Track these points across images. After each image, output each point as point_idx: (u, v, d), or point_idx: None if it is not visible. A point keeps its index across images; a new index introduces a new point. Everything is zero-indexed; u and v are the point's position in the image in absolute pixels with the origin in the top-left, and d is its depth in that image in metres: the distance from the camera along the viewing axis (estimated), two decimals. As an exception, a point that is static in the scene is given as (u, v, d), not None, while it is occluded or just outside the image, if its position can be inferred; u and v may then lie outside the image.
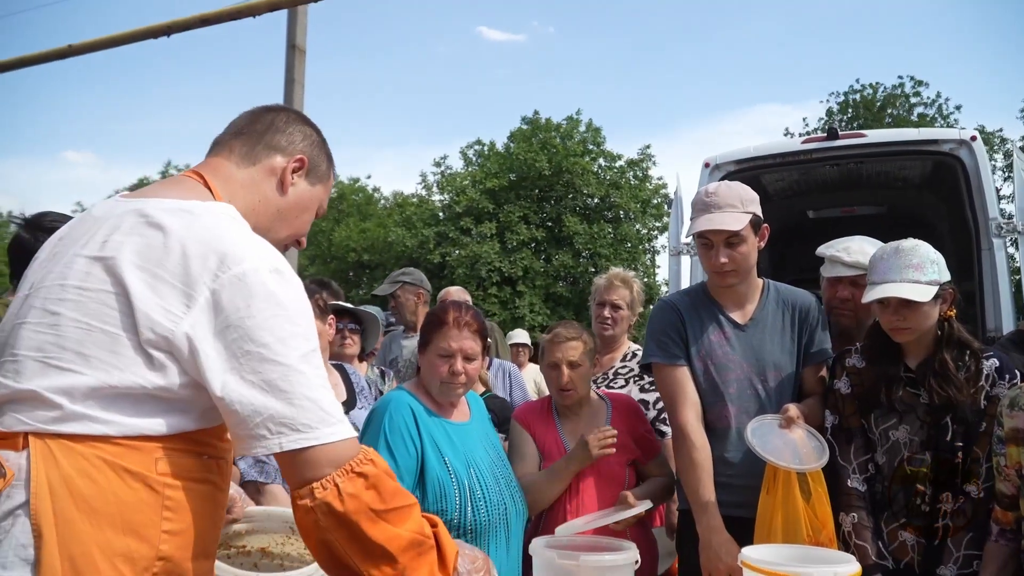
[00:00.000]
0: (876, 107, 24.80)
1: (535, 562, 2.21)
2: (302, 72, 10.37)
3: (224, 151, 1.53)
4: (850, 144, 4.52)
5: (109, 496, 1.20)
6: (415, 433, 2.34)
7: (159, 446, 1.25)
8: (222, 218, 1.36)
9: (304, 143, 1.58)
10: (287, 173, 1.54)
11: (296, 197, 1.56)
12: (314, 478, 1.27)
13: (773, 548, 2.07)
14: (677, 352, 2.58)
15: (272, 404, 1.24)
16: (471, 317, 2.47)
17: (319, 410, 1.28)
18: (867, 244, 2.79)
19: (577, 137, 23.79)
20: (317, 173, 1.60)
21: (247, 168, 1.51)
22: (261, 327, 1.25)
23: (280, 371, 1.25)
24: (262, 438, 1.25)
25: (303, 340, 1.30)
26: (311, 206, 1.60)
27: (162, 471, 1.25)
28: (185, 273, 1.26)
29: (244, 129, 1.56)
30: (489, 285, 21.36)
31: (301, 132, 1.59)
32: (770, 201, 5.37)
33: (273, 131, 1.56)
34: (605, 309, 3.54)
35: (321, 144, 1.62)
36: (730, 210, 2.48)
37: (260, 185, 1.52)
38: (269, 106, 1.62)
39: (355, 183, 29.87)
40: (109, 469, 1.21)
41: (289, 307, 1.30)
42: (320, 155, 1.61)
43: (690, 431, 2.47)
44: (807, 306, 2.62)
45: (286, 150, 1.55)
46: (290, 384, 1.26)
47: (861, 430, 2.41)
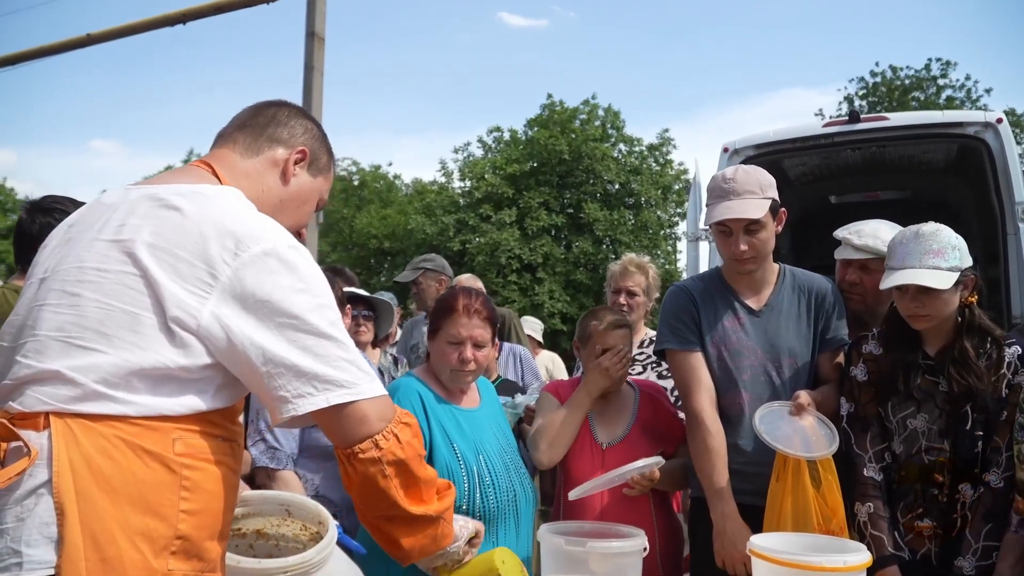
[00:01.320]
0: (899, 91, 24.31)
1: (543, 548, 2.21)
2: (321, 60, 10.39)
3: (228, 143, 1.58)
4: (872, 127, 4.43)
5: (128, 475, 1.22)
6: (423, 419, 2.33)
7: (176, 426, 1.28)
8: (234, 200, 1.41)
9: (305, 136, 1.63)
10: (289, 164, 1.58)
11: (298, 188, 1.60)
12: (370, 432, 1.36)
13: (783, 537, 2.06)
14: (691, 338, 2.55)
15: (314, 365, 1.31)
16: (480, 304, 2.45)
17: (357, 370, 1.36)
18: (883, 227, 2.73)
19: (596, 122, 23.64)
20: (318, 165, 1.64)
21: (251, 159, 1.56)
22: (288, 301, 1.31)
23: (313, 340, 1.32)
24: (308, 395, 1.31)
25: (329, 310, 1.36)
26: (312, 198, 1.65)
27: (179, 451, 1.27)
28: (204, 253, 1.31)
29: (247, 122, 1.60)
30: (509, 272, 21.34)
31: (302, 126, 1.64)
32: (791, 186, 5.30)
33: (275, 124, 1.60)
34: (621, 296, 3.52)
35: (322, 138, 1.67)
36: (749, 196, 2.44)
37: (263, 175, 1.56)
38: (271, 101, 1.67)
39: (376, 170, 29.93)
40: (128, 449, 1.23)
41: (310, 281, 1.36)
42: (321, 148, 1.65)
43: (704, 417, 2.44)
44: (823, 291, 2.58)
45: (288, 142, 1.60)
46: (325, 349, 1.33)
47: (877, 418, 2.37)
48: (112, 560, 1.19)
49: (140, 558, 1.21)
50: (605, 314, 2.83)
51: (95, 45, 9.89)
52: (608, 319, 2.79)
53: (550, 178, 22.85)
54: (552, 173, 22.88)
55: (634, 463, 2.47)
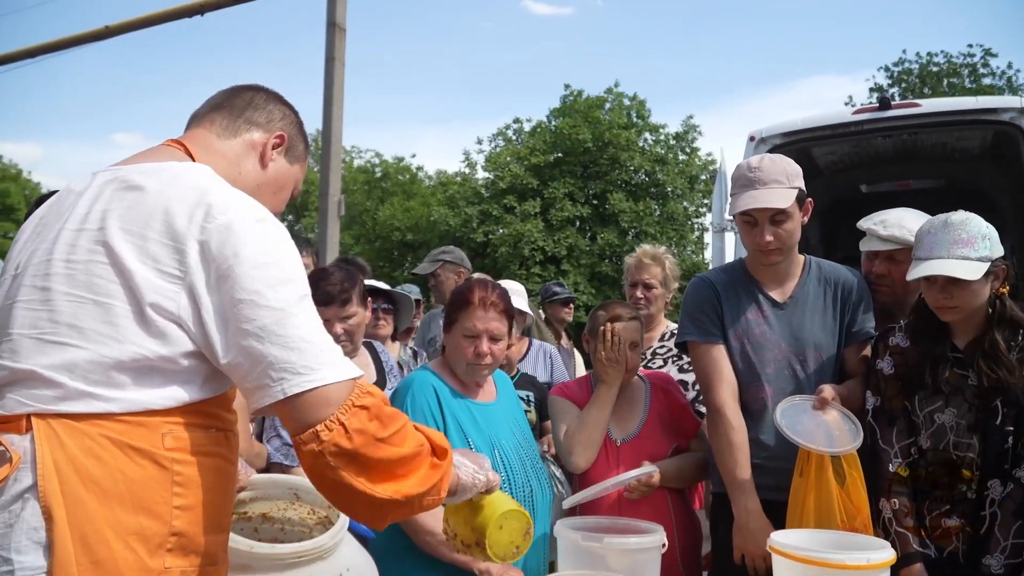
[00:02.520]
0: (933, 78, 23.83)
1: (559, 544, 2.21)
2: (342, 50, 10.43)
3: (205, 123, 1.55)
4: (903, 114, 4.36)
5: (117, 475, 1.20)
6: (438, 414, 2.34)
7: (165, 420, 1.25)
8: (201, 174, 1.37)
9: (283, 121, 1.60)
10: (268, 148, 1.56)
11: (275, 173, 1.58)
12: (317, 420, 1.26)
13: (805, 533, 2.04)
14: (713, 330, 2.53)
15: (270, 350, 1.25)
16: (497, 296, 2.45)
17: (318, 351, 1.28)
18: (908, 216, 2.68)
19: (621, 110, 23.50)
20: (295, 152, 1.62)
21: (228, 140, 1.53)
22: (250, 275, 1.26)
23: (273, 316, 1.26)
24: (266, 387, 1.25)
25: (295, 286, 1.31)
26: (288, 184, 1.62)
27: (169, 446, 1.24)
28: (172, 230, 1.27)
29: (224, 103, 1.57)
30: (532, 264, 21.33)
31: (280, 111, 1.61)
32: (820, 175, 5.23)
33: (253, 107, 1.58)
34: (637, 290, 3.50)
35: (299, 124, 1.65)
36: (775, 186, 2.41)
37: (241, 158, 1.53)
38: (248, 84, 1.64)
39: (399, 162, 30.03)
40: (115, 447, 1.21)
41: (277, 255, 1.31)
42: (298, 135, 1.63)
43: (726, 411, 2.43)
44: (850, 283, 2.55)
45: (266, 126, 1.57)
46: (284, 328, 1.26)
47: (904, 412, 2.34)
48: (105, 562, 1.17)
49: (134, 558, 1.20)
50: (614, 307, 2.84)
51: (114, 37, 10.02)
52: (617, 311, 2.80)
53: (574, 168, 22.78)
54: (576, 163, 22.82)
55: (629, 472, 2.48)
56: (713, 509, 2.66)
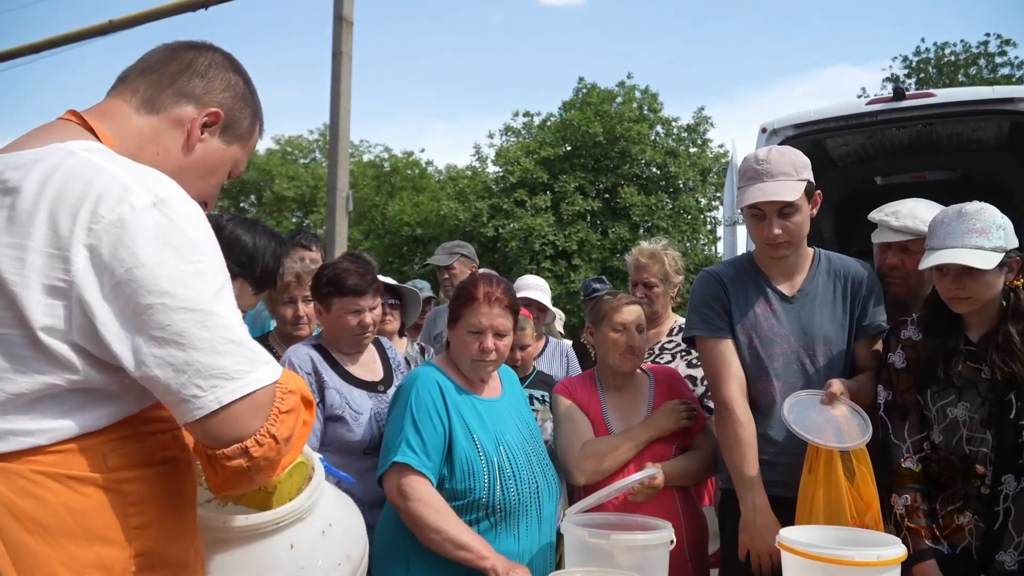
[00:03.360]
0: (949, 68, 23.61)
1: (566, 541, 2.21)
2: (350, 44, 10.44)
3: (127, 91, 1.35)
4: (918, 105, 4.32)
5: (60, 510, 1.10)
6: (443, 410, 2.34)
7: (103, 440, 1.14)
8: (84, 156, 1.18)
9: (225, 94, 1.40)
10: (195, 127, 1.36)
11: (203, 156, 1.38)
12: (245, 433, 1.16)
13: (814, 530, 2.04)
14: (720, 325, 2.53)
15: (195, 357, 1.11)
16: (502, 292, 2.44)
17: (246, 350, 1.17)
18: (920, 207, 2.67)
19: (633, 103, 23.43)
20: (235, 131, 1.42)
21: (147, 115, 1.33)
22: (156, 274, 1.11)
23: (192, 317, 1.12)
24: (196, 398, 1.12)
25: (210, 277, 1.16)
26: (221, 168, 1.42)
27: (115, 465, 1.14)
28: (56, 236, 1.11)
29: (156, 67, 1.37)
30: (543, 259, 21.30)
31: (224, 80, 1.40)
32: (834, 167, 5.21)
33: (190, 74, 1.37)
34: (638, 289, 3.50)
35: (245, 97, 1.44)
36: (783, 178, 2.39)
37: (161, 136, 1.34)
38: (193, 43, 1.43)
39: (408, 156, 30.06)
40: (52, 481, 1.10)
41: (183, 243, 1.15)
42: (243, 110, 1.43)
43: (734, 406, 2.42)
44: (860, 276, 2.54)
45: (200, 99, 1.37)
46: (208, 329, 1.13)
47: (916, 407, 2.33)
48: None
49: None
50: (619, 293, 2.86)
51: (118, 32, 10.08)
52: (622, 296, 2.83)
53: (585, 162, 22.73)
54: (587, 157, 22.76)
55: (631, 476, 2.48)
56: (721, 505, 2.66)
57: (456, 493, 2.29)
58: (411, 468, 2.25)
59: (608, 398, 2.80)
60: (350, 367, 2.77)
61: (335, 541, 1.60)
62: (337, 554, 1.61)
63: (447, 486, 2.30)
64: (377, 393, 2.77)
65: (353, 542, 1.68)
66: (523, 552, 2.34)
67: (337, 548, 1.61)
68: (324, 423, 2.63)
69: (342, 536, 1.63)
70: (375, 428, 2.65)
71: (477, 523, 2.30)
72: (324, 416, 2.63)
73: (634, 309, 2.80)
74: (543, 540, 2.43)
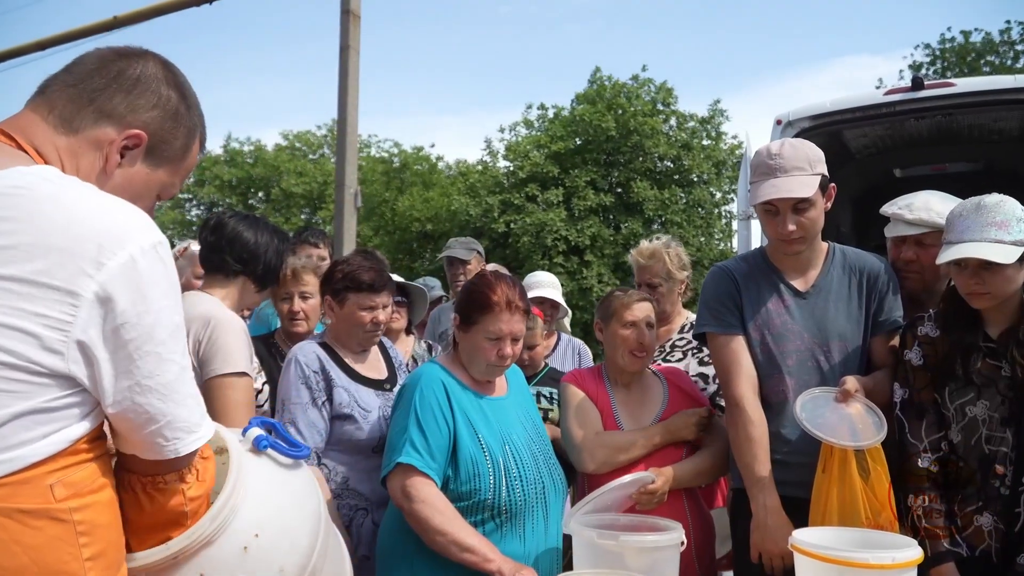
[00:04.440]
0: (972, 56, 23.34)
1: (575, 542, 2.20)
2: (357, 38, 10.45)
3: (43, 106, 1.26)
4: (937, 95, 4.27)
5: (13, 548, 1.07)
6: (447, 409, 2.34)
7: (48, 470, 1.10)
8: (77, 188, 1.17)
9: (152, 113, 1.30)
10: (113, 151, 1.28)
11: (124, 181, 1.30)
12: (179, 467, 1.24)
13: (828, 531, 2.02)
14: (732, 321, 2.51)
15: (170, 410, 1.18)
16: (520, 297, 2.43)
17: (198, 406, 1.25)
18: (934, 199, 2.65)
19: (647, 97, 23.35)
20: (163, 153, 1.33)
21: (65, 136, 1.25)
22: (160, 323, 1.15)
23: (175, 371, 1.18)
24: (158, 445, 1.19)
25: (183, 329, 1.22)
26: (146, 193, 1.35)
27: (61, 496, 1.11)
28: (58, 268, 1.09)
29: (79, 79, 1.27)
30: (555, 254, 21.28)
31: (153, 95, 1.30)
32: (852, 159, 5.17)
33: (114, 89, 1.27)
34: (643, 290, 3.47)
35: (178, 115, 1.34)
36: (797, 173, 2.37)
37: (80, 159, 1.26)
38: (127, 51, 1.32)
39: (418, 152, 30.09)
40: (3, 518, 1.07)
41: (174, 291, 1.19)
42: (174, 130, 1.34)
43: (745, 405, 2.40)
44: (876, 271, 2.51)
45: (122, 119, 1.28)
46: (183, 383, 1.20)
47: (934, 405, 2.30)
48: None
49: None
50: (628, 289, 2.86)
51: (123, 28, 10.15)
52: (631, 292, 2.83)
53: (597, 156, 22.68)
54: (599, 151, 22.71)
55: (625, 477, 2.46)
56: (733, 505, 2.64)
57: (461, 494, 2.29)
58: (415, 469, 2.24)
59: (617, 394, 2.79)
60: (356, 365, 2.78)
61: (263, 554, 1.36)
62: (264, 571, 1.37)
63: (452, 487, 2.30)
64: (384, 391, 2.77)
65: (290, 545, 1.42)
66: (529, 553, 2.34)
67: (263, 564, 1.36)
68: (331, 422, 2.63)
69: (273, 544, 1.38)
70: (383, 426, 2.66)
71: (482, 524, 2.29)
72: (331, 415, 2.63)
73: (644, 306, 2.80)
74: (549, 541, 2.42)
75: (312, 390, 2.61)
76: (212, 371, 2.35)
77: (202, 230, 2.70)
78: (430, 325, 4.72)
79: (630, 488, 2.47)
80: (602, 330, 2.84)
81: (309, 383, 2.62)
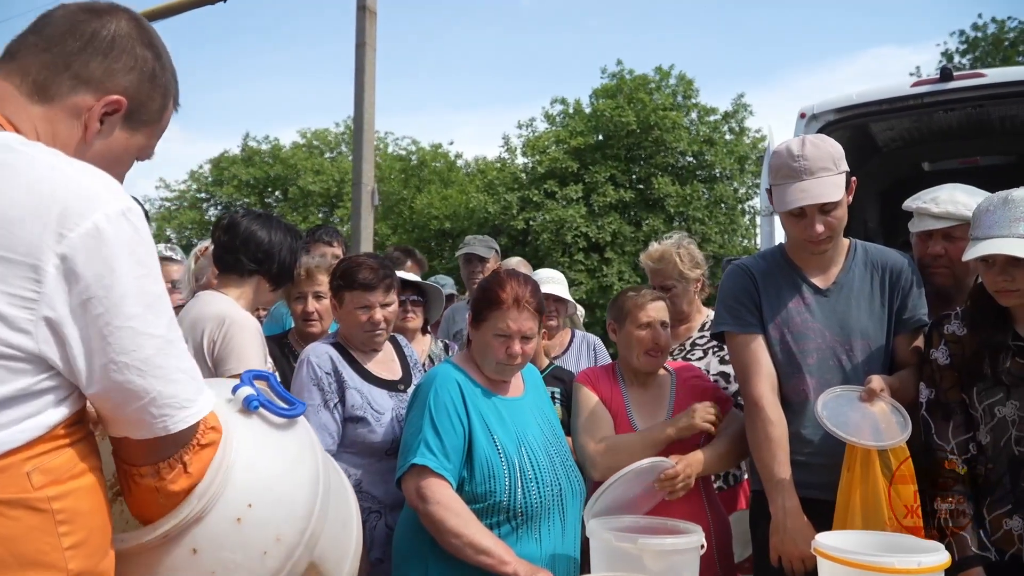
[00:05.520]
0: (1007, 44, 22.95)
1: (592, 545, 2.20)
2: (373, 35, 10.50)
3: (16, 73, 1.21)
4: (967, 86, 4.22)
5: None
6: (462, 410, 2.34)
7: (24, 457, 1.08)
8: (27, 152, 1.12)
9: (130, 76, 1.26)
10: (93, 118, 1.24)
11: (104, 148, 1.27)
12: (165, 457, 1.18)
13: (851, 535, 2.00)
14: (750, 320, 2.49)
15: (153, 385, 1.12)
16: (530, 294, 2.42)
17: (191, 378, 1.18)
18: (959, 192, 2.62)
19: (667, 90, 23.23)
20: (142, 116, 1.30)
21: (42, 104, 1.21)
22: (129, 295, 1.09)
23: (154, 344, 1.12)
24: (144, 423, 1.14)
25: (166, 300, 1.17)
26: (125, 158, 1.32)
27: (39, 483, 1.08)
28: (18, 240, 1.05)
29: (51, 43, 1.22)
30: (575, 252, 21.24)
31: (130, 58, 1.26)
32: (878, 153, 5.12)
33: (89, 53, 1.22)
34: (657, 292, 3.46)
35: (155, 76, 1.29)
36: (824, 174, 2.33)
37: (58, 127, 1.22)
38: (96, 6, 1.27)
39: (436, 149, 30.15)
40: None
41: (148, 258, 1.13)
42: (152, 91, 1.29)
43: (764, 404, 2.38)
44: (899, 267, 2.48)
45: (99, 85, 1.23)
46: (165, 357, 1.14)
47: (961, 405, 2.27)
48: None
49: None
50: (641, 288, 2.84)
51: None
52: (644, 291, 2.80)
53: (617, 151, 22.60)
54: (619, 146, 22.63)
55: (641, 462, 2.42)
56: (753, 507, 2.62)
57: (476, 496, 2.29)
58: (430, 470, 2.25)
59: (631, 394, 2.78)
60: (370, 365, 2.78)
61: (257, 524, 1.32)
62: (260, 542, 1.33)
63: (467, 488, 2.30)
64: (398, 392, 2.77)
65: (287, 513, 1.37)
66: (545, 556, 2.33)
67: (259, 535, 1.32)
68: (343, 424, 2.64)
69: (268, 513, 1.34)
70: (397, 428, 2.66)
71: (498, 527, 2.29)
72: (344, 417, 2.64)
73: (658, 305, 2.78)
74: (566, 544, 2.42)
75: (324, 392, 2.62)
76: (227, 371, 2.37)
77: (215, 229, 2.72)
78: (444, 324, 4.73)
79: (648, 475, 2.45)
80: (616, 331, 2.83)
81: (321, 384, 2.62)
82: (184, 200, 31.50)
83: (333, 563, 1.51)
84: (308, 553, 1.41)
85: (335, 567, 1.52)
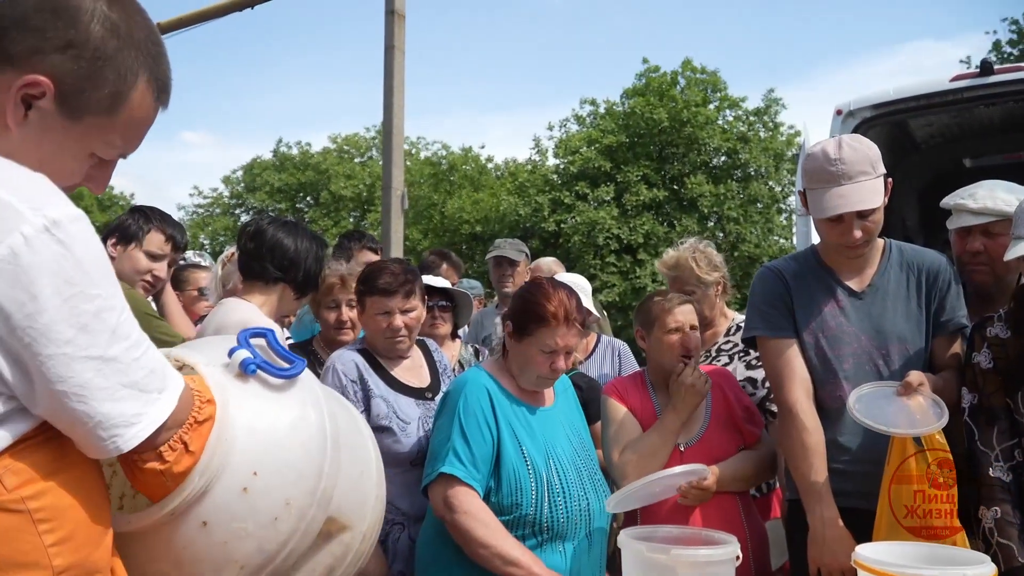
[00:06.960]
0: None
1: (624, 556, 2.16)
2: (402, 38, 10.55)
3: None
4: (1008, 80, 4.13)
5: None
6: (491, 418, 2.32)
7: None
8: None
9: (64, 54, 1.07)
10: (10, 103, 1.07)
11: (34, 139, 1.10)
12: (160, 442, 1.15)
13: (894, 546, 1.95)
14: (784, 324, 2.44)
15: (95, 409, 1.06)
16: (576, 309, 2.39)
17: (139, 393, 1.10)
18: (999, 188, 2.56)
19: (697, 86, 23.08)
20: (83, 101, 1.11)
21: None
22: (56, 320, 1.00)
23: (92, 367, 1.04)
24: (96, 445, 1.09)
25: (106, 313, 1.06)
26: (64, 154, 1.14)
27: (13, 486, 1.04)
28: None
29: None
30: (607, 253, 21.18)
31: (72, 29, 1.07)
32: (917, 150, 5.04)
33: (20, 25, 1.06)
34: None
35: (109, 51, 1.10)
36: (863, 178, 2.27)
37: None
38: None
39: (467, 153, 30.26)
40: None
41: (81, 276, 1.03)
42: (102, 71, 1.11)
43: (799, 411, 2.33)
44: (936, 268, 2.42)
45: (24, 61, 1.06)
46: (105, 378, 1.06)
47: (1006, 411, 2.20)
48: None
49: None
50: (667, 293, 2.80)
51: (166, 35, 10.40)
52: (672, 296, 2.77)
53: (649, 150, 22.50)
54: (651, 145, 22.53)
55: (674, 468, 2.39)
56: (788, 517, 2.57)
57: (502, 508, 2.27)
58: (458, 480, 2.23)
59: (662, 401, 2.74)
60: (396, 372, 2.76)
61: (265, 491, 1.30)
62: (270, 509, 1.31)
63: (493, 500, 2.28)
64: (425, 400, 2.74)
65: (296, 476, 1.34)
66: (570, 571, 2.31)
67: (267, 503, 1.31)
68: None
69: (275, 479, 1.32)
70: (423, 438, 2.64)
71: (523, 540, 2.27)
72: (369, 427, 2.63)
73: (687, 308, 2.75)
74: (592, 560, 2.39)
75: (349, 401, 2.61)
76: None
77: (241, 236, 2.73)
78: (472, 329, 4.72)
79: (681, 479, 2.42)
80: (644, 337, 2.80)
81: (346, 393, 2.61)
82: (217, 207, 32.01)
83: (353, 511, 1.51)
84: (323, 510, 1.40)
85: (355, 515, 1.51)
